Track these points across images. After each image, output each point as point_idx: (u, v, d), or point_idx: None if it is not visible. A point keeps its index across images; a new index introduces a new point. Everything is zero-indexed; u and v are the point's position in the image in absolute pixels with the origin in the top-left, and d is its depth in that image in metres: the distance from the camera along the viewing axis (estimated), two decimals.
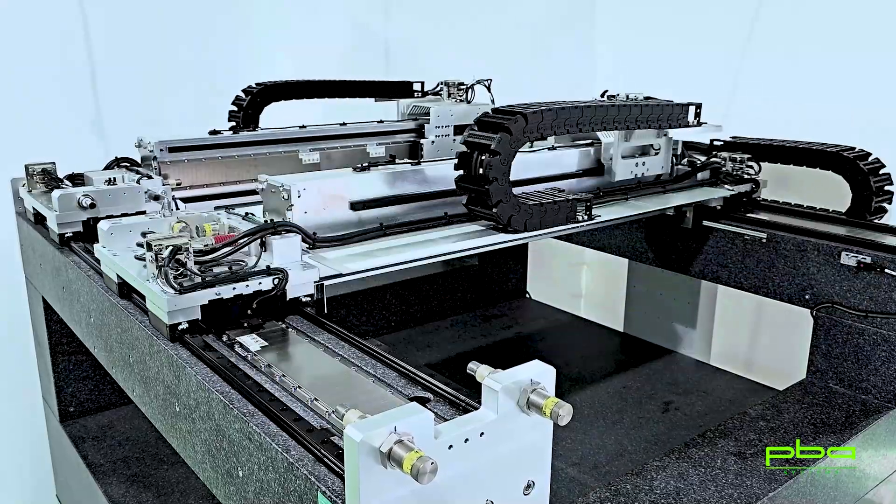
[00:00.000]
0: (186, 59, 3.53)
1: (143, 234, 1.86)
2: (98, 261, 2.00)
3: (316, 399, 1.37)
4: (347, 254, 1.99)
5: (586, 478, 2.46)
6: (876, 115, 3.25)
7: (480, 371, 1.27)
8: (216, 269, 1.72)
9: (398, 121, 3.40)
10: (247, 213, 2.14)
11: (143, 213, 2.32)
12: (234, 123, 3.13)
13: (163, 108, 3.46)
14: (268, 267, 1.74)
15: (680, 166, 2.98)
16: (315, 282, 1.82)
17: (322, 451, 1.21)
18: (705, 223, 2.88)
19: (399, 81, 3.50)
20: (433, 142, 3.31)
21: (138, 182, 2.43)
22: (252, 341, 1.65)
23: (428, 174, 2.34)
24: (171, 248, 1.61)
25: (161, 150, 2.66)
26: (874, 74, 3.33)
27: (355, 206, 2.18)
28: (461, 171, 2.19)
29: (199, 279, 1.64)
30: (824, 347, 2.55)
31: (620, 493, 1.88)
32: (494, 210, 2.12)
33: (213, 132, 2.87)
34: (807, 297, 2.60)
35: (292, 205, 2.04)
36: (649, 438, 2.71)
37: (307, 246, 1.96)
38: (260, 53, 3.72)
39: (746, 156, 2.95)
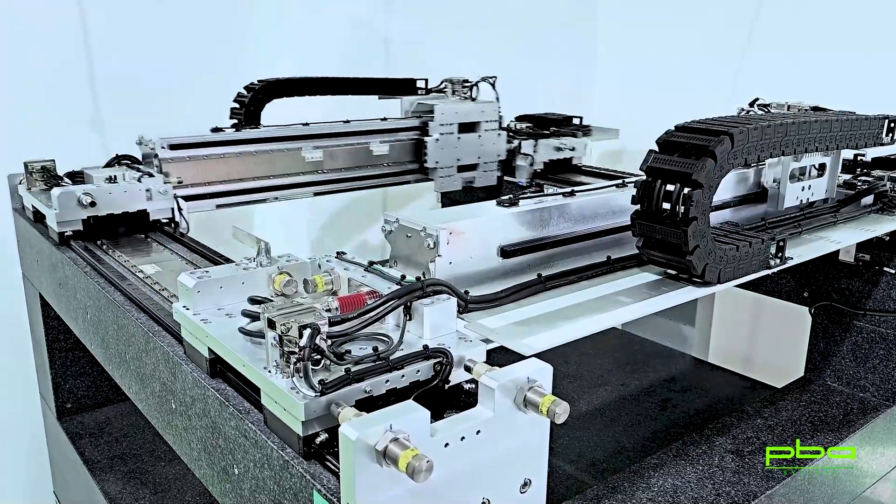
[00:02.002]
0: (186, 55, 3.51)
1: (253, 301, 1.51)
2: (98, 259, 1.94)
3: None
4: (510, 319, 1.54)
5: (583, 475, 2.45)
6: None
7: (477, 368, 1.27)
8: (350, 348, 1.32)
9: (402, 118, 3.38)
10: (371, 263, 1.63)
11: (153, 219, 2.26)
12: (235, 121, 3.10)
13: (162, 106, 3.45)
14: (425, 347, 1.32)
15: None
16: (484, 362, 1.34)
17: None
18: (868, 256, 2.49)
19: (402, 79, 3.46)
20: (437, 140, 3.27)
21: (139, 180, 2.40)
22: None
23: (583, 207, 1.92)
24: (309, 330, 1.16)
25: (163, 147, 2.62)
26: (874, 74, 3.33)
27: (507, 252, 1.75)
28: (638, 207, 1.73)
29: (341, 370, 1.21)
30: (822, 345, 2.55)
31: (618, 490, 1.88)
32: (689, 258, 1.65)
33: (216, 129, 2.84)
34: (805, 294, 2.59)
35: (440, 255, 1.61)
36: (647, 436, 2.71)
37: (459, 310, 1.49)
38: (260, 50, 3.71)
39: None
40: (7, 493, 3.58)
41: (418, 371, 1.29)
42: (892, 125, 2.28)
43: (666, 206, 1.67)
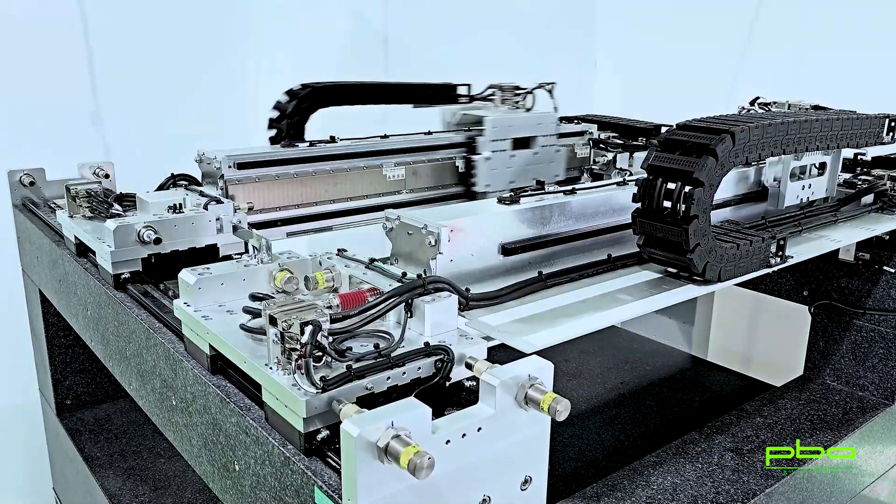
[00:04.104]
0: (186, 54, 3.51)
1: (254, 298, 1.49)
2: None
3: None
4: (511, 317, 1.54)
5: (583, 473, 2.46)
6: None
7: (478, 366, 1.27)
8: (352, 345, 1.32)
9: (441, 132, 2.91)
10: (372, 260, 1.67)
11: (224, 255, 1.91)
12: (274, 132, 2.71)
13: (162, 104, 3.45)
14: (426, 344, 1.31)
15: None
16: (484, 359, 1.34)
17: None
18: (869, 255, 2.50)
19: (442, 84, 3.03)
20: (488, 158, 2.77)
21: (206, 207, 1.96)
22: None
23: (585, 205, 1.92)
24: (310, 326, 1.16)
25: (229, 166, 2.24)
26: (873, 72, 3.33)
27: (508, 249, 1.75)
28: (639, 205, 1.74)
29: (342, 367, 1.21)
30: (822, 344, 2.55)
31: (617, 488, 1.88)
32: (690, 256, 1.65)
33: (287, 144, 2.47)
34: (805, 293, 2.60)
35: (441, 252, 1.60)
36: (646, 434, 2.71)
37: (460, 307, 1.48)
38: (259, 48, 3.71)
39: None
40: (6, 490, 3.58)
41: (419, 368, 1.28)
42: (893, 124, 2.28)
43: (667, 204, 1.66)
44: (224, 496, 1.48)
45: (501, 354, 1.32)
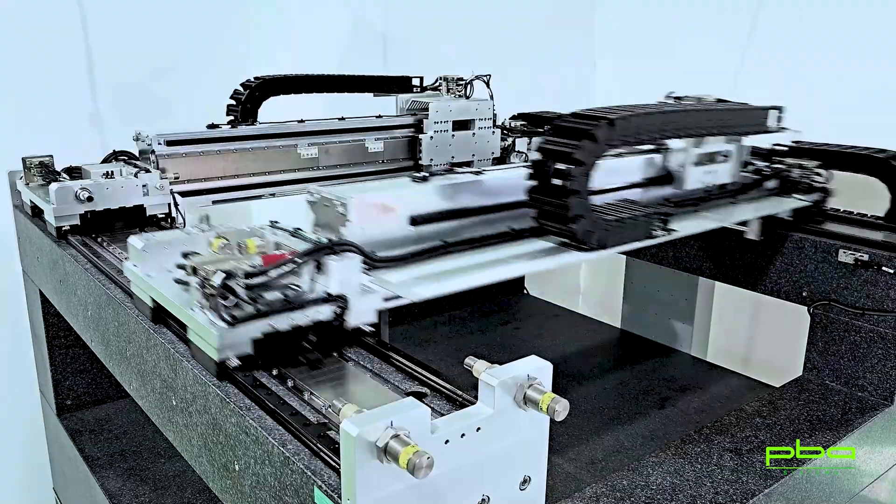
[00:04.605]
0: (185, 52, 3.52)
1: (185, 256, 1.71)
2: (96, 254, 1.97)
3: (313, 393, 1.37)
4: (411, 275, 1.77)
5: (582, 473, 2.46)
6: (875, 112, 3.25)
7: (477, 366, 1.27)
8: (267, 295, 1.51)
9: (396, 116, 3.40)
10: (296, 229, 1.90)
11: (158, 223, 2.27)
12: (232, 117, 3.11)
13: (162, 103, 3.45)
14: (327, 293, 1.55)
15: (744, 173, 2.73)
16: (378, 309, 1.64)
17: (318, 445, 1.21)
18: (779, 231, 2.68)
19: (398, 76, 3.49)
20: (431, 137, 3.29)
21: (136, 175, 2.41)
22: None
23: (490, 185, 2.13)
24: (222, 274, 1.41)
25: (159, 143, 2.64)
26: (874, 72, 3.33)
27: (416, 220, 1.96)
28: (534, 183, 1.96)
29: (251, 308, 1.44)
30: (821, 345, 2.56)
31: (616, 488, 1.89)
32: (573, 226, 1.90)
33: (211, 126, 2.85)
34: (804, 294, 2.60)
35: (349, 220, 1.82)
36: (646, 434, 2.72)
37: (366, 267, 1.71)
38: (259, 47, 3.71)
39: (815, 163, 2.73)
40: (7, 490, 3.58)
41: (319, 312, 1.52)
42: (780, 115, 2.50)
43: (557, 182, 1.90)
44: (224, 496, 1.49)
45: (503, 355, 1.33)
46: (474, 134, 3.40)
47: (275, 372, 1.51)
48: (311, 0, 3.89)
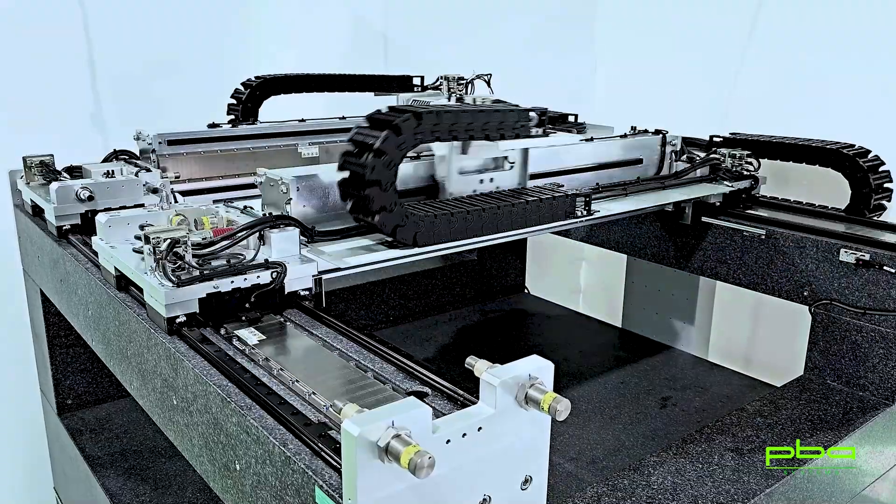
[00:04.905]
0: (185, 51, 3.52)
1: (141, 227, 1.85)
2: (96, 253, 1.99)
3: (314, 393, 1.37)
4: (346, 248, 1.98)
5: (584, 473, 2.46)
6: (875, 112, 3.25)
7: (479, 366, 1.27)
8: (214, 263, 1.71)
9: None
10: (245, 207, 2.14)
11: (142, 206, 2.28)
12: (232, 117, 3.11)
13: (161, 101, 3.45)
14: (266, 261, 1.74)
15: (679, 162, 2.98)
16: (313, 276, 1.82)
17: (319, 444, 1.21)
18: (704, 219, 2.87)
19: (398, 75, 3.50)
20: None
21: (137, 175, 2.41)
22: (250, 335, 1.64)
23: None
24: (168, 240, 1.60)
25: (160, 142, 2.65)
26: (874, 71, 3.32)
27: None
28: (345, 175, 1.95)
29: (196, 272, 1.64)
30: (822, 344, 2.55)
31: (617, 488, 1.89)
32: (376, 218, 1.91)
33: (212, 125, 2.85)
34: (805, 293, 2.60)
35: (291, 198, 2.02)
36: (647, 434, 2.72)
37: (306, 240, 1.94)
38: (259, 46, 3.71)
39: (745, 152, 2.93)
40: (7, 489, 3.58)
41: (258, 277, 1.70)
42: (543, 117, 2.47)
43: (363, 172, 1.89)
44: (225, 495, 1.49)
45: (503, 354, 1.32)
46: None
47: (222, 332, 1.68)
48: (311, 1, 3.89)
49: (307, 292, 1.82)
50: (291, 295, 1.79)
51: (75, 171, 2.59)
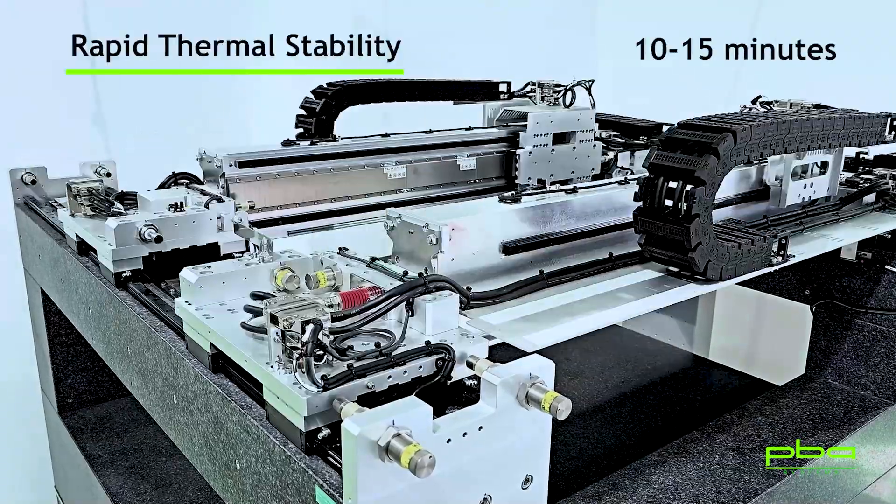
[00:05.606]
0: (185, 53, 3.51)
1: (255, 296, 1.50)
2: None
3: None
4: (513, 316, 1.54)
5: (585, 472, 2.45)
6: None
7: (479, 364, 1.27)
8: (349, 342, 1.31)
9: (487, 128, 2.96)
10: (373, 259, 1.69)
11: (230, 256, 1.89)
12: (301, 130, 2.69)
13: (162, 103, 3.45)
14: (427, 343, 1.31)
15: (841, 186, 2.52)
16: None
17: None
18: None
19: (481, 81, 3.08)
20: (531, 152, 2.83)
21: (207, 206, 1.98)
22: None
23: (586, 204, 1.92)
24: (311, 325, 1.17)
25: (230, 164, 2.23)
26: (875, 73, 3.32)
27: (509, 248, 1.74)
28: (640, 204, 1.73)
29: (344, 366, 1.21)
30: (823, 343, 2.55)
31: (618, 487, 1.88)
32: (692, 255, 1.65)
33: (287, 142, 2.43)
34: (806, 292, 2.59)
35: (442, 251, 1.60)
36: (647, 433, 2.71)
37: (461, 306, 1.49)
38: (259, 46, 3.71)
39: None
40: (8, 488, 3.59)
41: (420, 367, 1.28)
42: (895, 123, 2.27)
43: (668, 202, 1.66)
44: (225, 495, 1.48)
45: (502, 353, 1.32)
46: (574, 148, 2.95)
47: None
48: (311, 1, 3.89)
49: (475, 382, 1.34)
50: (456, 386, 1.35)
51: (128, 199, 2.14)
